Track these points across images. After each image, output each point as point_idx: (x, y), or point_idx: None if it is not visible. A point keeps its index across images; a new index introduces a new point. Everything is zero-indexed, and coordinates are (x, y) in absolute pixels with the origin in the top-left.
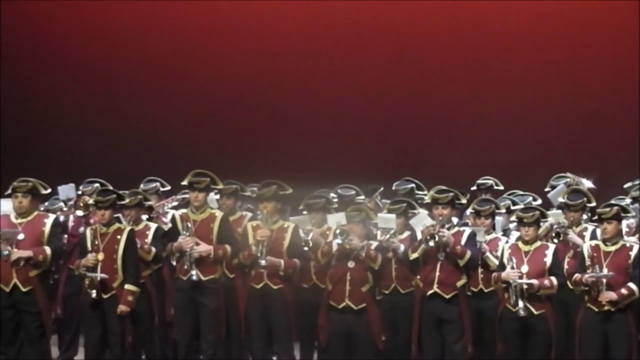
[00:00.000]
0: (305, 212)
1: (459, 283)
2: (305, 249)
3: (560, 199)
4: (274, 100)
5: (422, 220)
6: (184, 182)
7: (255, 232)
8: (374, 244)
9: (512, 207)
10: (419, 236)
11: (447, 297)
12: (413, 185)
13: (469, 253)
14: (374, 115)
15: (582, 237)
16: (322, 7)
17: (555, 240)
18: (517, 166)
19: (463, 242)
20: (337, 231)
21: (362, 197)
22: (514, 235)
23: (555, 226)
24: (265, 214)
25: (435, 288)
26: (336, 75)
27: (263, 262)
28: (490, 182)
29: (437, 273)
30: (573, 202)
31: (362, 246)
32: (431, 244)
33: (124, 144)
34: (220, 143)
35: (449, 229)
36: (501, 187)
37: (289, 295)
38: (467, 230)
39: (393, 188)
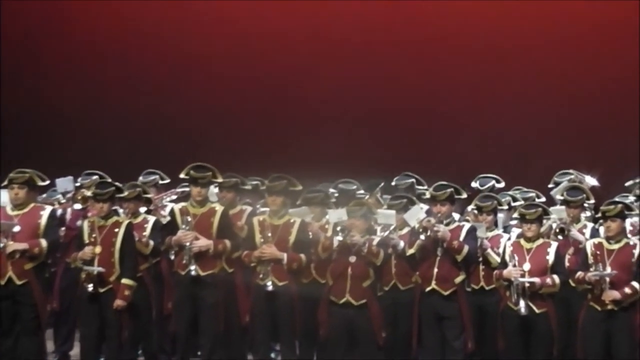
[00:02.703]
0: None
1: (458, 279)
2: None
3: (559, 196)
4: (273, 94)
5: (415, 214)
6: (183, 175)
7: (261, 227)
8: (376, 239)
9: (514, 204)
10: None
11: (446, 293)
12: (413, 180)
13: (466, 248)
14: (375, 111)
15: (582, 234)
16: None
17: (560, 237)
18: (520, 163)
19: (462, 237)
20: (338, 228)
21: (363, 191)
22: (515, 232)
23: (558, 222)
24: (272, 208)
25: (433, 285)
26: (337, 70)
27: (269, 286)
28: (492, 182)
29: (435, 269)
30: (573, 198)
31: (363, 241)
32: (422, 237)
33: (123, 136)
34: (218, 136)
35: (448, 224)
36: (502, 184)
37: (295, 291)
38: (467, 225)
39: (393, 183)
